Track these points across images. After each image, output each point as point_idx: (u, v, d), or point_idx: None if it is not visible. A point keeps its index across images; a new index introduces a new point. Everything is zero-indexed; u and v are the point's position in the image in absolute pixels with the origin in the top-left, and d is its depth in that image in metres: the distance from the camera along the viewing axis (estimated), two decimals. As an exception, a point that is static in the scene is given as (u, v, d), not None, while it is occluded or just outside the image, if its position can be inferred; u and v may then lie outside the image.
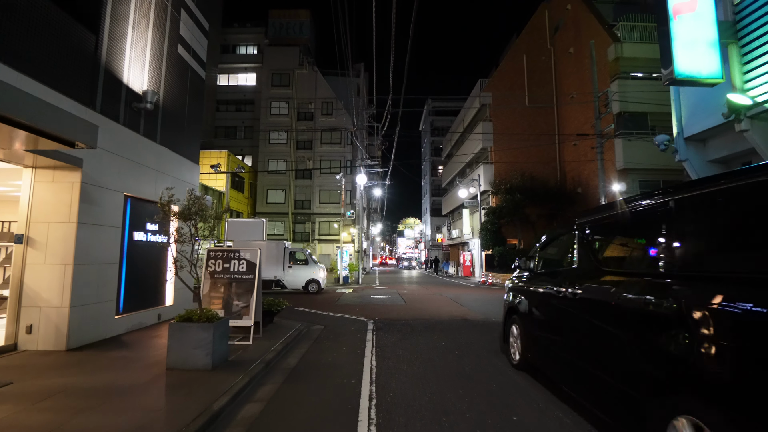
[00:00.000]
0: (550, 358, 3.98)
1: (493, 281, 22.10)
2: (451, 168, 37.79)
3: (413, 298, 13.67)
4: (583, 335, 3.28)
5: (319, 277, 15.30)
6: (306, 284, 15.22)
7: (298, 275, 15.23)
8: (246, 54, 43.29)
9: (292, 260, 15.31)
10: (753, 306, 1.84)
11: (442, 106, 56.17)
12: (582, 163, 23.65)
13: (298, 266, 15.33)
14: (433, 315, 9.72)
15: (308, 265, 15.40)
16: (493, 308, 11.03)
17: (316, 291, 15.20)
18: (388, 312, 10.18)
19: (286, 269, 15.08)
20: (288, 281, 15.12)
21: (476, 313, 10.09)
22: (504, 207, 21.73)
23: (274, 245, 15.48)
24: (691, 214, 2.43)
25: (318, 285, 15.28)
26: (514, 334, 5.09)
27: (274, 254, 15.13)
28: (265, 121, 38.95)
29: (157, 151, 7.80)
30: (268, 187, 38.13)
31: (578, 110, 23.99)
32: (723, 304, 1.98)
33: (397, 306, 11.52)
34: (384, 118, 16.22)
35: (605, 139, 18.42)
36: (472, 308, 11.13)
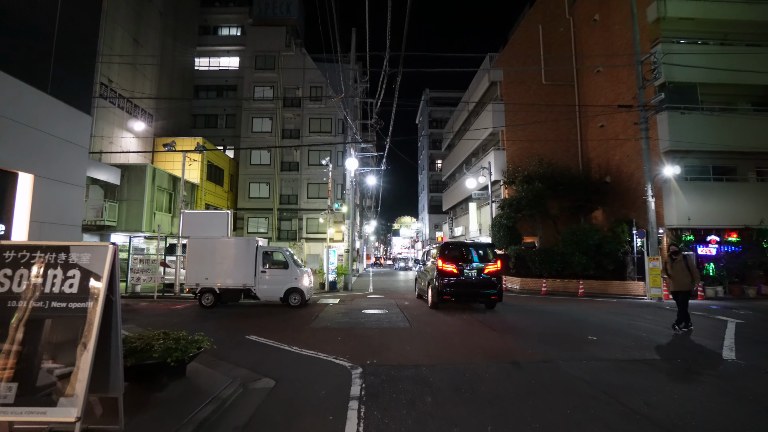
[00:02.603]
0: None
1: (509, 286, 18.62)
2: (453, 159, 34.31)
3: (420, 316, 10.12)
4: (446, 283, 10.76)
5: (302, 284, 11.58)
6: (285, 294, 11.51)
7: (275, 282, 11.54)
8: (228, 36, 39.55)
9: (267, 263, 11.67)
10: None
11: (441, 97, 52.73)
12: (611, 147, 20.22)
13: (275, 271, 11.64)
14: (458, 352, 6.18)
15: (288, 269, 11.64)
16: (540, 331, 7.55)
17: (299, 303, 11.46)
18: (387, 346, 6.61)
19: (259, 275, 11.48)
20: (261, 291, 11.51)
21: (522, 347, 6.57)
22: (522, 198, 18.24)
23: (243, 243, 11.91)
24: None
25: (301, 296, 11.53)
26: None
27: (242, 255, 11.58)
28: (247, 107, 35.25)
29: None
30: (251, 180, 34.48)
31: (606, 86, 20.55)
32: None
33: (398, 332, 7.95)
34: (381, 80, 12.68)
35: (651, 112, 14.96)
36: (510, 335, 7.60)
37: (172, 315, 9.81)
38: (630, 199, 18.48)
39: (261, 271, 11.51)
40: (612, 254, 16.23)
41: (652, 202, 14.83)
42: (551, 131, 22.73)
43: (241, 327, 8.26)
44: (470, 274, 10.76)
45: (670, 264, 8.27)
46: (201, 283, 11.32)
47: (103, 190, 22.01)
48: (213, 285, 11.30)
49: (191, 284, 11.39)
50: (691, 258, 8.29)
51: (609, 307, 12.17)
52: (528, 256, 18.07)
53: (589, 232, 16.37)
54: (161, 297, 13.51)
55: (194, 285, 11.34)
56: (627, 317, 9.95)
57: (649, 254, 14.73)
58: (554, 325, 8.77)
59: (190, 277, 11.43)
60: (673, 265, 8.16)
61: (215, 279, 11.34)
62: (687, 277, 7.97)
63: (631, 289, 15.52)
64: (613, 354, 6.09)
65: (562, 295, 15.99)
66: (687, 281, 7.97)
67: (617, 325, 8.76)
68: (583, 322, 9.21)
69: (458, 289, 10.69)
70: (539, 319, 9.56)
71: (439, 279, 10.69)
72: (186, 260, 11.68)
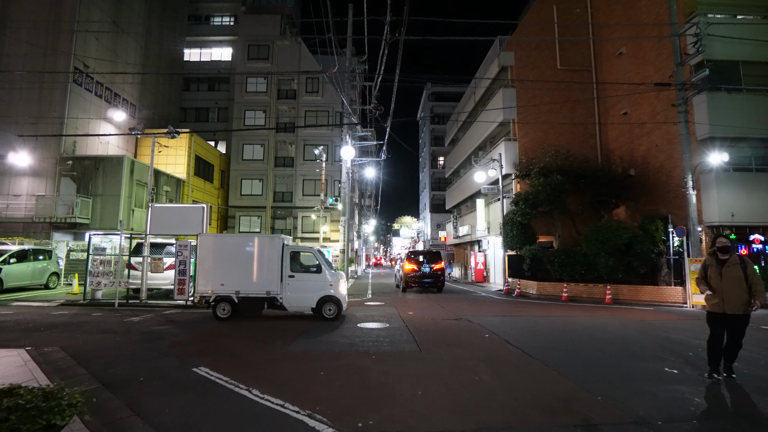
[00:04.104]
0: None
1: (522, 290, 16.66)
2: (457, 154, 32.36)
3: (430, 332, 8.17)
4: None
5: (338, 292, 9.39)
6: (318, 304, 9.30)
7: (306, 290, 9.35)
8: (221, 25, 37.63)
9: (295, 265, 9.57)
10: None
11: (444, 92, 50.76)
12: (635, 136, 18.30)
13: (305, 275, 9.47)
14: (498, 402, 4.22)
15: (321, 273, 9.41)
16: (594, 358, 5.60)
17: (335, 315, 9.28)
18: (389, 388, 4.66)
19: (286, 280, 9.33)
20: (289, 300, 9.35)
21: (585, 390, 4.62)
22: (540, 192, 16.26)
23: (266, 242, 9.69)
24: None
25: (337, 306, 9.35)
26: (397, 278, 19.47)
27: (265, 256, 9.46)
28: (240, 100, 33.34)
29: None
30: (243, 177, 32.56)
31: (630, 69, 18.61)
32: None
33: (404, 360, 5.99)
34: (381, 51, 10.74)
35: (692, 93, 13.01)
36: (559, 367, 5.65)
37: (121, 331, 7.85)
38: (659, 193, 16.54)
39: (289, 275, 9.31)
40: (644, 255, 14.27)
41: (692, 195, 12.88)
42: (567, 120, 20.80)
43: (197, 350, 6.31)
44: (425, 270, 17.18)
45: (715, 268, 4.89)
46: (215, 290, 9.28)
47: (75, 184, 20.07)
48: (230, 292, 9.26)
49: (203, 291, 9.33)
50: (750, 263, 4.93)
51: (650, 318, 10.22)
52: (546, 257, 16.10)
53: (617, 230, 14.42)
54: (124, 305, 11.55)
55: (207, 292, 9.30)
56: (685, 334, 8.00)
57: (690, 255, 12.78)
58: (603, 347, 6.81)
59: (202, 283, 9.37)
60: (723, 271, 4.82)
61: (233, 285, 9.27)
62: (743, 291, 4.71)
63: (668, 296, 13.56)
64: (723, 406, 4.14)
65: (586, 302, 14.05)
66: (743, 298, 4.71)
67: (683, 346, 6.81)
68: (634, 341, 7.26)
69: (417, 279, 17.04)
70: (581, 341, 7.60)
71: (405, 273, 17.19)
72: (197, 262, 9.65)
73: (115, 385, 4.51)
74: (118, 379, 4.77)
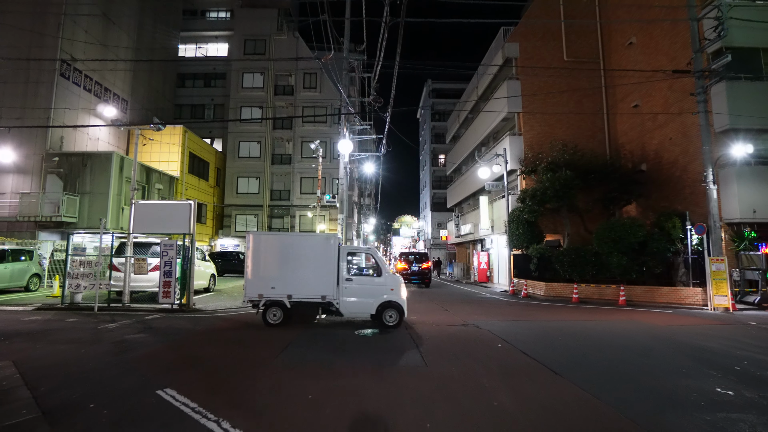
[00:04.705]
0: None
1: (529, 292, 15.84)
2: (458, 151, 31.53)
3: (435, 341, 7.37)
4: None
5: (400, 297, 8.52)
6: (378, 310, 8.45)
7: (365, 294, 8.55)
8: (217, 20, 36.74)
9: (352, 268, 8.86)
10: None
11: (444, 88, 49.90)
12: (647, 130, 17.49)
13: (363, 278, 8.71)
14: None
15: (381, 276, 8.63)
16: (629, 374, 4.79)
17: (396, 323, 8.42)
18: (391, 424, 3.84)
19: (343, 284, 8.53)
20: (346, 305, 8.52)
21: (635, 427, 3.82)
22: (548, 188, 15.44)
23: (321, 241, 8.97)
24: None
25: (399, 312, 8.45)
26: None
27: (320, 257, 8.62)
28: (236, 96, 32.53)
29: None
30: (240, 174, 31.74)
31: (641, 59, 17.79)
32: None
33: (408, 377, 5.23)
34: (381, 32, 9.92)
35: (712, 80, 12.18)
36: (595, 389, 4.86)
37: (90, 341, 7.03)
38: (674, 189, 15.72)
39: (346, 278, 8.54)
40: (660, 254, 13.46)
41: (713, 190, 12.07)
42: (574, 114, 19.98)
43: (168, 365, 5.49)
44: (414, 269, 20.10)
45: None
46: (266, 294, 8.52)
47: (62, 181, 19.23)
48: (282, 296, 8.50)
49: (252, 295, 8.55)
50: None
51: (674, 323, 9.41)
52: (555, 256, 15.29)
53: (631, 227, 13.60)
54: (105, 309, 10.73)
55: (256, 296, 8.53)
56: (719, 342, 7.19)
57: (711, 254, 11.97)
58: (634, 360, 6.00)
59: (252, 286, 8.58)
60: None
61: (285, 288, 8.51)
62: None
63: (686, 298, 12.75)
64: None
65: (598, 304, 13.23)
66: None
67: (724, 358, 6.00)
68: (667, 352, 6.45)
69: (407, 276, 19.12)
70: (606, 352, 6.79)
71: (397, 271, 18.70)
72: (247, 263, 8.80)
73: (57, 415, 3.70)
74: (65, 405, 3.96)
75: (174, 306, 10.80)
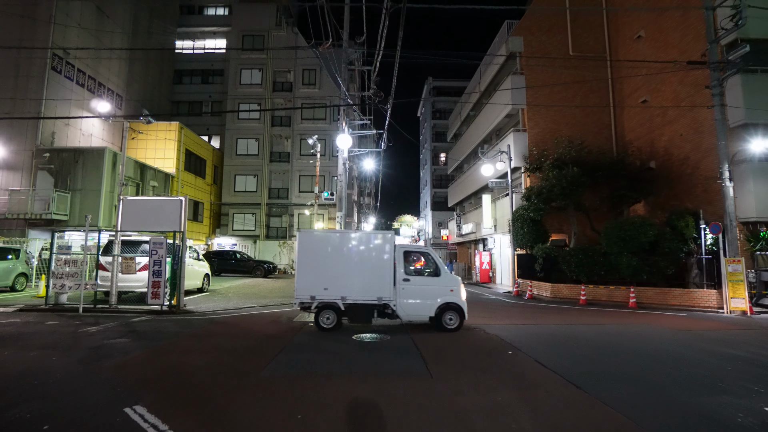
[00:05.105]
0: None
1: (535, 293, 15.29)
2: (460, 149, 30.98)
3: (439, 347, 6.89)
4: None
5: (460, 298, 8.06)
6: (437, 313, 7.98)
7: (423, 296, 8.05)
8: (214, 15, 36.22)
9: (409, 268, 8.32)
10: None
11: (445, 86, 49.32)
12: (656, 126, 16.94)
13: (421, 279, 8.22)
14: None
15: (440, 276, 8.18)
16: (663, 387, 4.24)
17: (457, 326, 7.99)
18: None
19: (400, 284, 8.02)
20: (404, 307, 7.99)
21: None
22: (554, 186, 14.88)
23: (377, 239, 8.31)
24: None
25: (460, 315, 8.02)
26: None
27: (375, 256, 8.15)
28: (234, 92, 31.98)
29: None
30: (237, 172, 31.19)
31: (649, 53, 17.24)
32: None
33: (411, 390, 4.71)
34: (382, 19, 9.36)
35: (730, 72, 11.62)
36: (628, 409, 4.32)
37: (65, 346, 6.49)
38: (685, 187, 15.18)
39: (403, 279, 8.03)
40: (672, 255, 12.90)
41: (729, 188, 11.52)
42: (580, 110, 19.42)
43: (144, 376, 4.93)
44: None
45: None
46: (318, 296, 7.97)
47: (53, 177, 18.68)
48: (335, 298, 7.98)
49: (304, 297, 8.00)
50: None
51: (693, 327, 8.86)
52: (561, 256, 14.74)
53: (642, 226, 13.05)
54: (90, 310, 10.19)
55: (308, 298, 7.98)
56: (748, 348, 6.64)
57: (727, 255, 11.42)
58: (662, 370, 5.45)
59: (303, 287, 8.01)
60: None
61: (338, 290, 7.99)
62: None
63: (699, 300, 12.20)
64: None
65: (607, 306, 12.69)
66: None
67: (761, 368, 5.45)
68: (694, 361, 5.90)
69: None
70: (629, 362, 6.24)
71: None
72: (296, 263, 8.28)
73: (1, 440, 3.15)
74: (13, 427, 3.41)
75: (163, 307, 10.26)
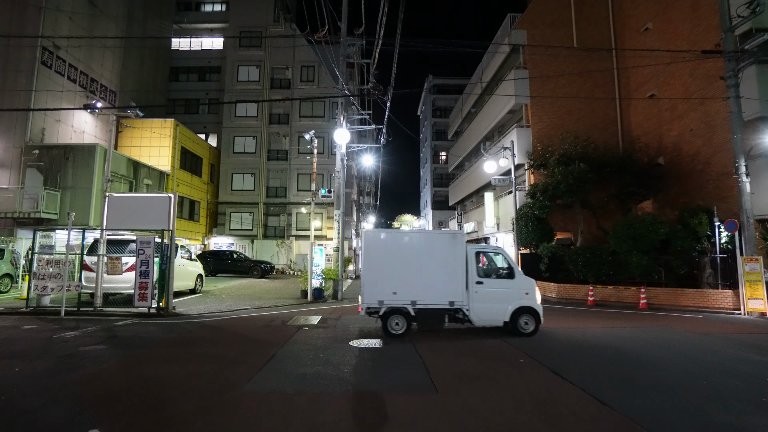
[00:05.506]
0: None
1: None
2: (461, 146, 30.44)
3: (444, 355, 6.40)
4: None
5: (535, 301, 7.63)
6: (513, 316, 7.50)
7: (497, 299, 7.54)
8: (212, 12, 35.67)
9: (481, 269, 7.76)
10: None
11: (446, 84, 48.76)
12: (664, 121, 16.41)
13: (495, 281, 7.72)
14: None
15: (514, 278, 7.68)
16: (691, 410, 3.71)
17: (532, 331, 7.57)
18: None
19: (473, 287, 7.50)
20: (477, 311, 7.48)
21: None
22: (561, 182, 14.34)
23: (447, 239, 7.74)
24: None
25: (536, 319, 7.59)
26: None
27: (446, 257, 7.59)
28: (231, 89, 31.41)
29: None
30: (234, 171, 30.64)
31: (657, 46, 16.66)
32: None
33: (415, 409, 4.24)
34: (381, 9, 8.82)
35: (747, 61, 11.07)
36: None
37: (34, 354, 5.94)
38: (696, 183, 14.64)
39: (476, 282, 7.51)
40: (684, 254, 12.36)
41: (746, 183, 10.98)
42: (585, 105, 18.88)
43: (110, 391, 4.38)
44: None
45: None
46: (387, 300, 7.45)
47: (42, 175, 18.13)
48: (405, 303, 7.46)
49: (371, 302, 7.48)
50: None
51: (714, 331, 8.32)
52: (568, 256, 14.19)
53: (653, 224, 12.50)
54: (74, 313, 9.65)
55: (375, 303, 7.46)
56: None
57: (744, 253, 10.87)
58: (695, 382, 4.90)
59: (370, 291, 7.50)
60: None
61: (408, 294, 7.47)
62: None
63: (714, 301, 11.65)
64: None
65: (616, 307, 12.15)
66: None
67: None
68: (728, 370, 5.36)
69: None
70: (657, 372, 5.70)
71: None
72: (362, 264, 7.71)
73: None
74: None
75: (151, 310, 9.72)
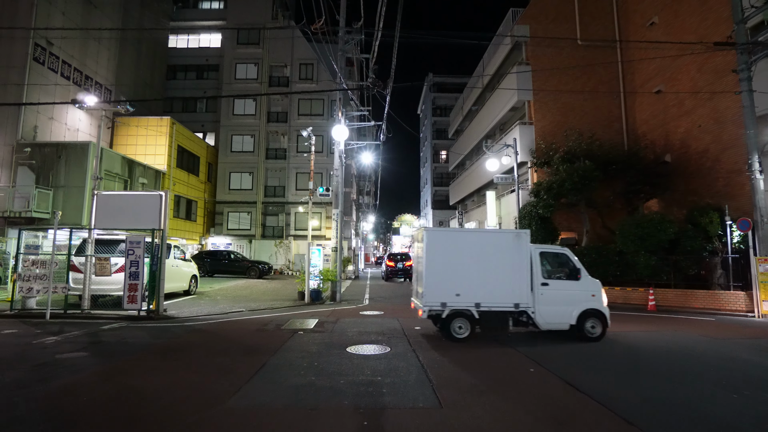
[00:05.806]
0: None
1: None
2: (462, 145, 30.03)
3: (448, 364, 5.95)
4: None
5: (601, 303, 7.28)
6: (579, 319, 7.16)
7: (562, 301, 7.20)
8: (210, 9, 35.29)
9: (545, 270, 7.38)
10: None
11: (446, 82, 48.33)
12: (671, 117, 16.01)
13: (560, 283, 7.37)
14: None
15: (580, 279, 7.32)
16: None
17: (599, 335, 7.22)
18: None
19: (538, 289, 7.17)
20: (542, 314, 7.13)
21: None
22: (565, 180, 13.93)
23: (510, 239, 7.40)
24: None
25: (602, 323, 7.23)
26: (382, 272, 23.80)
27: (509, 257, 7.25)
28: (229, 88, 30.96)
29: None
30: (232, 170, 30.24)
31: (664, 40, 16.24)
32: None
33: (417, 429, 3.66)
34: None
35: (762, 53, 10.67)
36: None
37: (8, 362, 5.54)
38: (705, 181, 14.23)
39: (541, 283, 7.17)
40: (694, 254, 11.96)
41: (760, 180, 10.58)
42: (589, 102, 18.49)
43: (83, 406, 3.98)
44: (399, 266, 23.70)
45: None
46: (450, 303, 7.09)
47: (34, 174, 17.73)
48: (469, 305, 7.12)
49: (434, 303, 7.11)
50: None
51: (727, 334, 7.93)
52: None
53: (661, 223, 12.11)
54: (60, 315, 9.26)
55: (438, 305, 7.11)
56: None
57: (758, 253, 10.47)
58: (728, 399, 4.50)
59: (432, 292, 7.12)
60: None
61: (471, 296, 7.13)
62: None
63: (726, 302, 11.26)
64: None
65: (624, 309, 11.74)
66: None
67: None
68: (752, 380, 4.96)
69: (394, 272, 23.77)
70: (681, 382, 5.29)
71: (387, 268, 24.39)
72: (425, 265, 7.24)
73: None
74: None
75: (141, 313, 9.33)
